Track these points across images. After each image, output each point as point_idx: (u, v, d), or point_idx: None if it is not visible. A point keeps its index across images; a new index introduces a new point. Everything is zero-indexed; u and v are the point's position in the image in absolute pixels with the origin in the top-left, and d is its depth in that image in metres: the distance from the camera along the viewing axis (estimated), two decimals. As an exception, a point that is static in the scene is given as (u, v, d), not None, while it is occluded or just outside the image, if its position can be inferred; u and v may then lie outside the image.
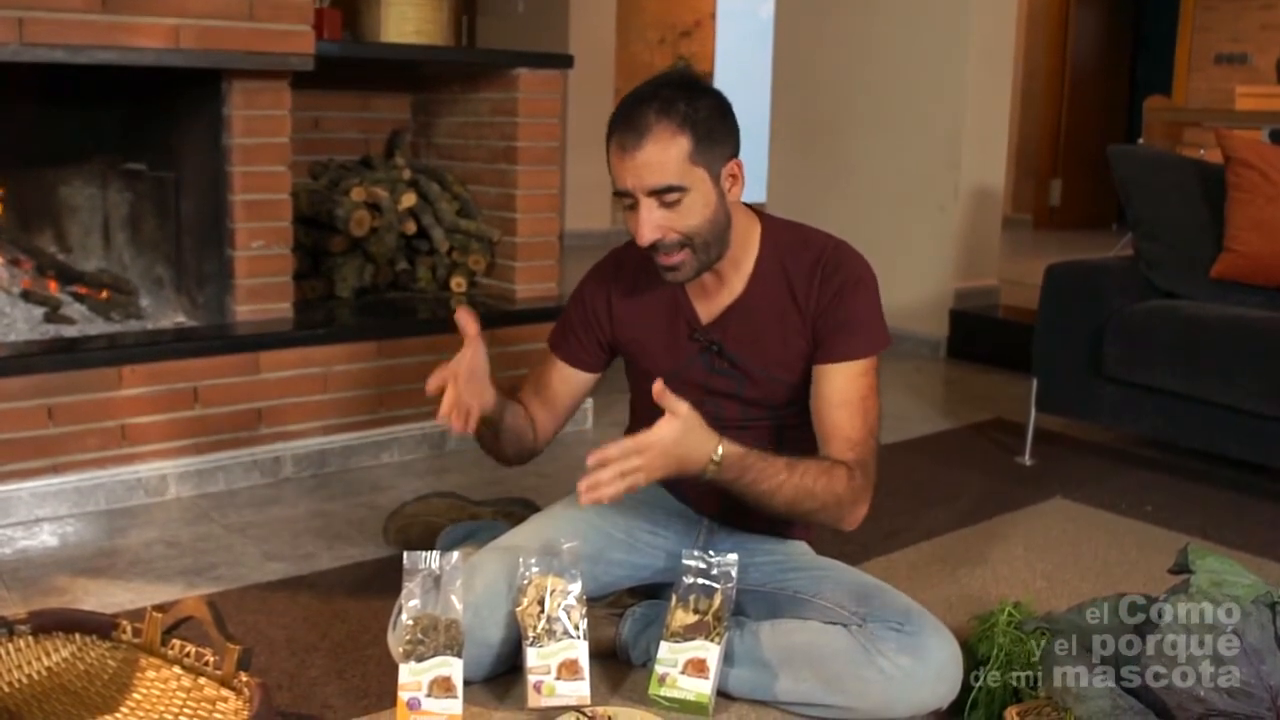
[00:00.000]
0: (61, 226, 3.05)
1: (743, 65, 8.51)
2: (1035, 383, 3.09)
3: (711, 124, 1.69)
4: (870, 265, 1.84)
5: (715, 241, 1.74)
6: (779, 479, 1.66)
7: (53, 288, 2.84)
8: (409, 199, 3.30)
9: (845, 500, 1.70)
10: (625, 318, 1.91)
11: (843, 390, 1.76)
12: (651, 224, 1.68)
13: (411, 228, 3.31)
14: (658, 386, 1.59)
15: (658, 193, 1.67)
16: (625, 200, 1.70)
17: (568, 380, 1.98)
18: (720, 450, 1.62)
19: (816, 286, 1.79)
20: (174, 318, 2.88)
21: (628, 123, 1.67)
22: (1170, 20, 7.72)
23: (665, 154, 1.65)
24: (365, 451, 2.91)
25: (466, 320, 1.73)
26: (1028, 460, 3.07)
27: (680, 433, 1.59)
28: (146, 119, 2.94)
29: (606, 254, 1.99)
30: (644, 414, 2.00)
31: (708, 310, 1.85)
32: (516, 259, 3.33)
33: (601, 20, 6.93)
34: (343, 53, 2.97)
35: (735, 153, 1.74)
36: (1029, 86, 8.05)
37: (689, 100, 1.67)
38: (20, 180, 2.97)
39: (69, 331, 2.68)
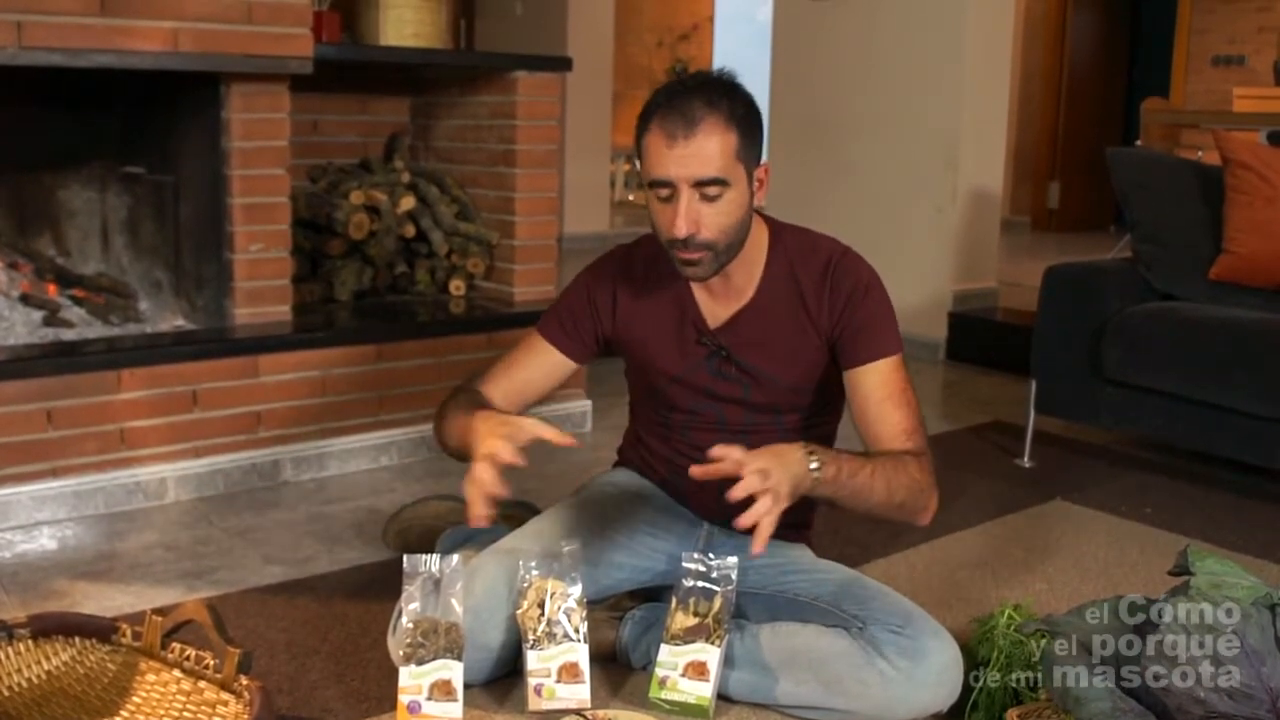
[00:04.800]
0: (60, 230, 3.05)
1: (741, 68, 8.44)
2: (1034, 385, 3.09)
3: (750, 125, 1.70)
4: (875, 270, 1.85)
5: (737, 244, 1.74)
6: (867, 469, 1.65)
7: (51, 291, 2.84)
8: (408, 202, 3.30)
9: (924, 485, 1.71)
10: (631, 317, 1.90)
11: (883, 387, 1.77)
12: (690, 216, 1.67)
13: (410, 231, 3.31)
14: (697, 471, 1.54)
15: (702, 184, 1.66)
16: (661, 191, 1.68)
17: (545, 365, 1.92)
18: (808, 447, 1.59)
19: (828, 295, 1.80)
20: (173, 321, 2.88)
21: (677, 111, 1.66)
22: (1167, 22, 7.73)
23: (714, 146, 1.65)
24: (364, 455, 2.91)
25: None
26: (1027, 462, 3.07)
27: (765, 451, 1.54)
28: (145, 122, 2.94)
29: (611, 250, 1.97)
30: (644, 415, 2.00)
31: (715, 314, 1.85)
32: (515, 262, 3.33)
33: (600, 23, 6.94)
34: (341, 56, 2.97)
35: (761, 157, 1.75)
36: (1027, 89, 8.06)
37: (731, 99, 1.68)
38: (19, 184, 2.97)
39: (68, 335, 2.68)
